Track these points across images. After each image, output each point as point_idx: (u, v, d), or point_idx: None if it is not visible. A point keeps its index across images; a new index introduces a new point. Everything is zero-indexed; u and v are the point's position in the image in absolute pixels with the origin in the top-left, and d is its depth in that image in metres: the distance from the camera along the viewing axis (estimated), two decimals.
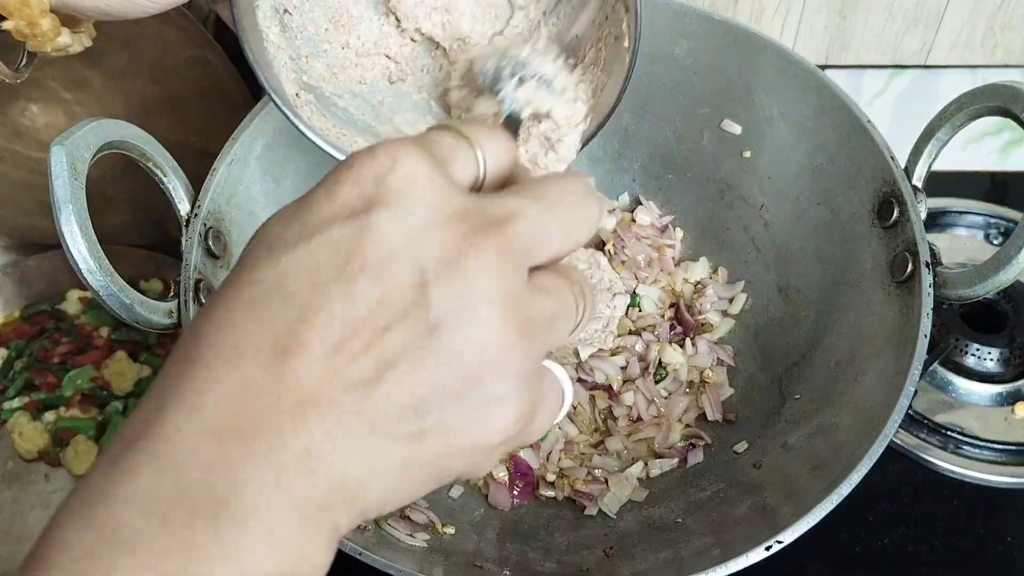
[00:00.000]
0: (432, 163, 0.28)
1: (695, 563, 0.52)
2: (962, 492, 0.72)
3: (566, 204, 0.31)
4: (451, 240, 0.27)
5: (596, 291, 0.75)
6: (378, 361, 0.26)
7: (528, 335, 0.28)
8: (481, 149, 0.31)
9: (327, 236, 0.27)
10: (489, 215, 0.28)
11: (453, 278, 0.27)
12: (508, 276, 0.28)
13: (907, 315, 0.59)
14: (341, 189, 0.28)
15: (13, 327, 0.82)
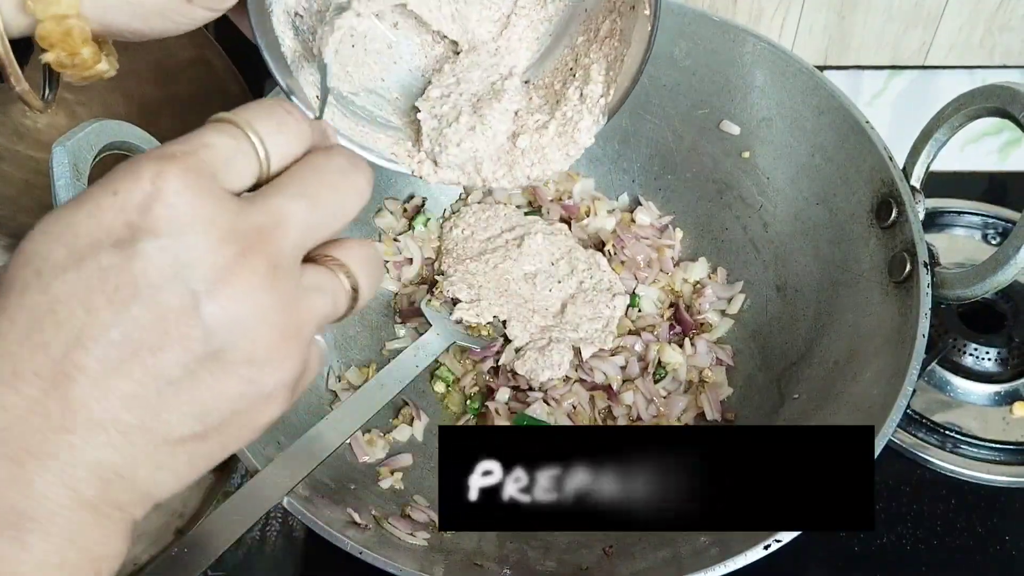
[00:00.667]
0: (198, 183, 0.29)
1: (694, 562, 0.52)
2: (960, 491, 0.72)
3: (333, 189, 0.33)
4: (220, 261, 0.28)
5: (596, 292, 0.75)
6: (157, 380, 0.28)
7: (298, 337, 0.31)
8: (262, 142, 0.31)
9: (95, 263, 0.28)
10: (257, 226, 0.30)
11: (224, 298, 0.28)
12: (278, 287, 0.30)
13: (905, 315, 0.59)
14: (106, 215, 0.28)
15: None
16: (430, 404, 0.74)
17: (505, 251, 0.76)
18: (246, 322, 0.29)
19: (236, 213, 0.29)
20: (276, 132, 0.32)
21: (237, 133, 0.31)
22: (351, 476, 0.65)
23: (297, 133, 0.33)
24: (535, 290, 0.75)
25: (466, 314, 0.72)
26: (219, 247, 0.29)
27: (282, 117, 0.33)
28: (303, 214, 0.31)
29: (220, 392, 0.29)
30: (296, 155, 0.33)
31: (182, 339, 0.28)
